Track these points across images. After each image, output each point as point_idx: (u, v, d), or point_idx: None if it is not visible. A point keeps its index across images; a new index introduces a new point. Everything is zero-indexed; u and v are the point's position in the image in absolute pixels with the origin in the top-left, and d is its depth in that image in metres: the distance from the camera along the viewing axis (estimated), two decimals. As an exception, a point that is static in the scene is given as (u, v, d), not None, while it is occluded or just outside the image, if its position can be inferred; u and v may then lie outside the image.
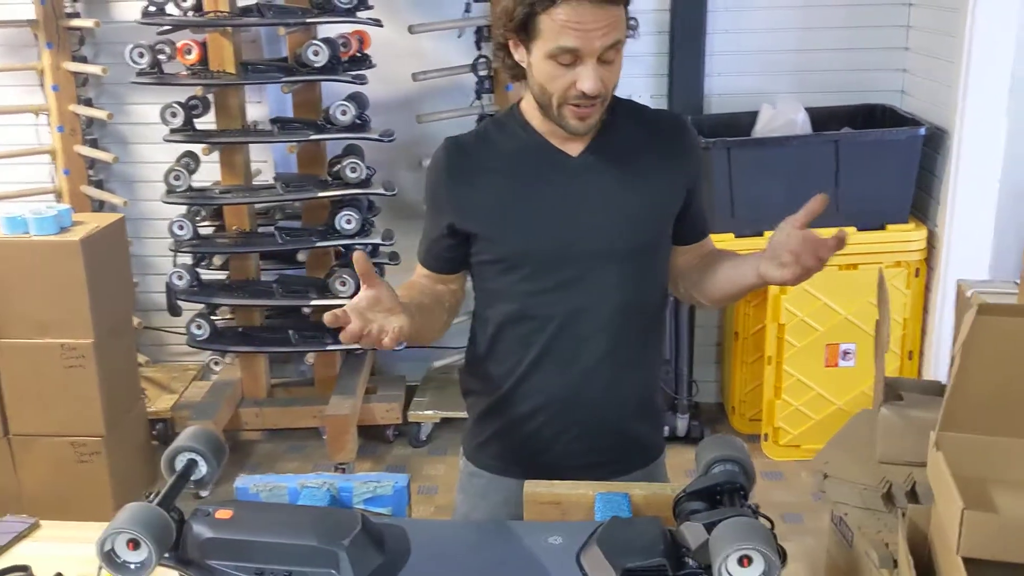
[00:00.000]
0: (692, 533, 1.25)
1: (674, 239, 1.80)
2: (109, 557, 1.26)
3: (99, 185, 4.10)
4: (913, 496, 1.42)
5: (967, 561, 1.13)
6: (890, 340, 3.63)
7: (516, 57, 1.64)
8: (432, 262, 1.79)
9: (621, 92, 1.68)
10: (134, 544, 1.25)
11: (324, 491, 1.57)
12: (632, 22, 1.62)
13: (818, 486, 1.49)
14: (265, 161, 4.07)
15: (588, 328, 1.70)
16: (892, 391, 1.56)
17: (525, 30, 1.56)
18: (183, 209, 3.70)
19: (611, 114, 1.68)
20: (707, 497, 1.36)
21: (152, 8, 3.49)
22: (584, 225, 1.67)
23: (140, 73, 3.54)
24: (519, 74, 1.67)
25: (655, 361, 1.85)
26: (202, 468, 1.47)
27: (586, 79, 1.53)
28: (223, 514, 1.37)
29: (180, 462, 1.47)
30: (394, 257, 3.79)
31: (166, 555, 1.32)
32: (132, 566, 1.26)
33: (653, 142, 1.73)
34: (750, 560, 1.17)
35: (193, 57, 3.50)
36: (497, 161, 1.71)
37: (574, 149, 1.70)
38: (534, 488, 1.56)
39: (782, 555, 1.28)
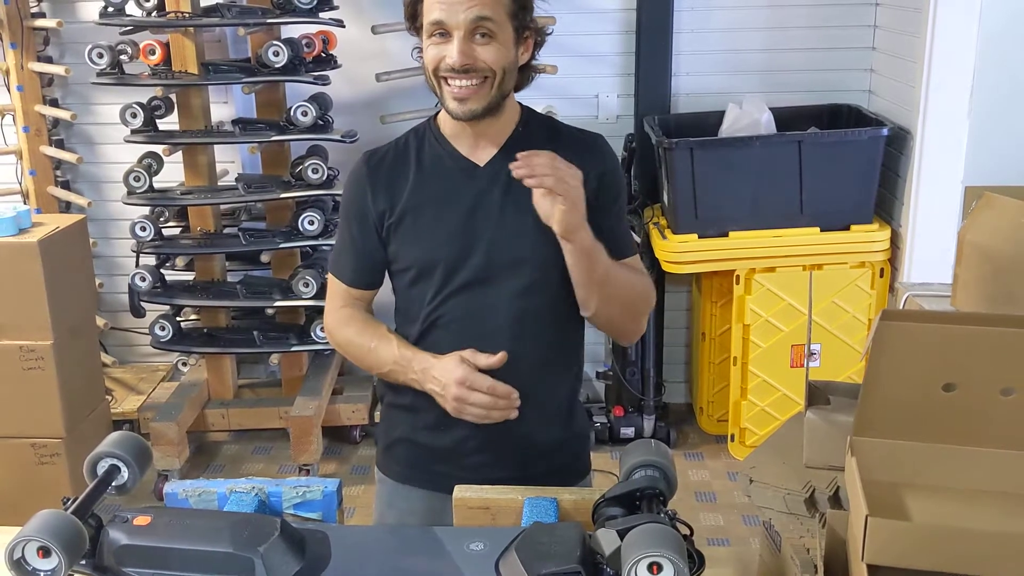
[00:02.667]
0: (606, 539, 1.25)
1: None
2: (19, 565, 1.25)
3: (66, 186, 4.08)
4: (836, 501, 1.42)
5: (872, 568, 1.12)
6: (862, 342, 3.64)
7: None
8: (362, 277, 1.78)
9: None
10: (44, 552, 1.24)
11: (252, 496, 1.56)
12: (533, 23, 1.66)
13: (744, 491, 1.48)
14: (232, 162, 4.05)
15: (489, 337, 1.68)
16: (821, 395, 1.56)
17: (415, 20, 1.64)
18: (147, 210, 3.68)
19: (525, 127, 1.73)
20: (626, 502, 1.36)
21: (110, 9, 3.46)
22: (486, 233, 1.68)
23: (100, 73, 3.52)
24: None
25: (568, 376, 1.83)
26: (124, 474, 1.47)
27: (451, 51, 1.58)
28: (141, 520, 1.37)
29: (102, 468, 1.47)
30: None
31: (81, 562, 1.31)
32: (42, 574, 1.25)
33: (563, 157, 1.66)
34: (660, 567, 1.17)
35: (156, 57, 3.48)
36: (411, 170, 1.73)
37: (482, 158, 1.72)
38: (463, 492, 1.56)
39: (699, 561, 1.27)
